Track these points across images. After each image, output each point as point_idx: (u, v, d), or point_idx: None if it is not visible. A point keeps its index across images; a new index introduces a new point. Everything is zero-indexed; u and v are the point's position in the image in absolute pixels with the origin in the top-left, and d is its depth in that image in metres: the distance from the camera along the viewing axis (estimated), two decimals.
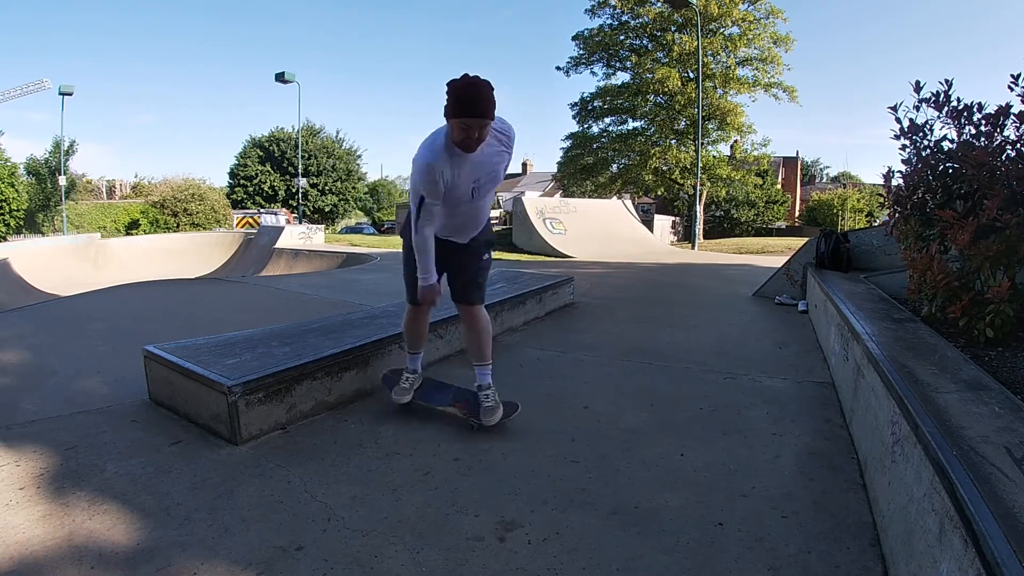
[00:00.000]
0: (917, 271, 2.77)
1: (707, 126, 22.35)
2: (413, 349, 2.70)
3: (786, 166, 38.57)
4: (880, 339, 2.34)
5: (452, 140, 2.14)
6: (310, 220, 29.59)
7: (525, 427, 2.52)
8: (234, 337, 3.00)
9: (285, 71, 26.47)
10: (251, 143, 33.45)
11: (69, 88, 26.60)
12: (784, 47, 22.05)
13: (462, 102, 2.06)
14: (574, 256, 12.69)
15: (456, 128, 2.10)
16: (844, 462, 2.19)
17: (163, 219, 29.52)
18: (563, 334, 4.36)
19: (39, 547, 1.61)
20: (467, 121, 2.06)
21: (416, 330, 2.67)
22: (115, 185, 37.95)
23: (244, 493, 1.94)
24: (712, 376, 3.30)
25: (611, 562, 1.59)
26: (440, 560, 1.60)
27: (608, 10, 23.17)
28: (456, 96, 2.07)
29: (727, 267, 10.61)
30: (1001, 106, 2.69)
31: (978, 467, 1.19)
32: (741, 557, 1.61)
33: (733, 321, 5.04)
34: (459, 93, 2.06)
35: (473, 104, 2.06)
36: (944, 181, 2.96)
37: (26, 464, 2.09)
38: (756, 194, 28.73)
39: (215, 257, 18.68)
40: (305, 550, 1.63)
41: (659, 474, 2.10)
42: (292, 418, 2.51)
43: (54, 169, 28.40)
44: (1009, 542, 0.94)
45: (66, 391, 2.87)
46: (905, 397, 1.61)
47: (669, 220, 24.04)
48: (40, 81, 29.08)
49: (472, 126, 2.07)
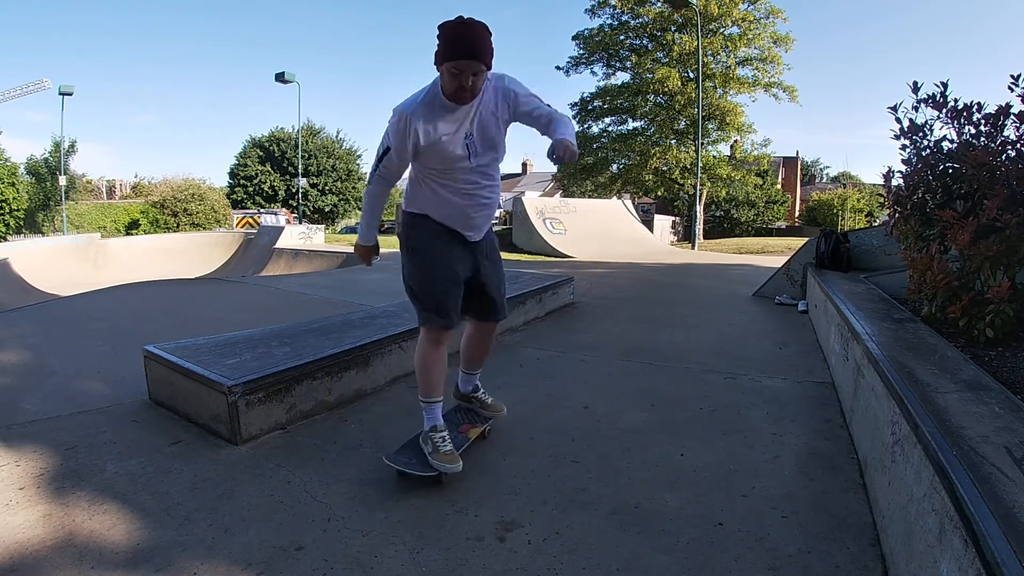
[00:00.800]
0: (917, 271, 2.77)
1: (707, 126, 22.35)
2: (433, 396, 2.10)
3: (786, 166, 38.57)
4: (880, 339, 2.34)
5: (443, 91, 1.86)
6: (310, 220, 29.58)
7: (525, 427, 2.52)
8: (234, 337, 3.00)
9: (285, 71, 26.48)
10: (251, 143, 33.45)
11: (69, 88, 26.59)
12: (784, 47, 22.05)
13: (453, 43, 1.78)
14: (574, 256, 12.69)
15: (446, 75, 1.81)
16: (844, 462, 2.18)
17: (163, 219, 29.52)
18: (563, 334, 4.36)
19: (39, 547, 1.61)
20: (458, 64, 1.77)
21: (438, 367, 2.09)
22: (115, 185, 37.94)
23: (244, 493, 1.94)
24: (712, 376, 3.30)
25: (611, 562, 1.59)
26: (440, 560, 1.60)
27: (608, 10, 23.16)
28: (447, 37, 1.79)
29: (727, 267, 10.60)
30: (1001, 106, 2.69)
31: (978, 467, 1.19)
32: (741, 557, 1.61)
33: (733, 321, 5.04)
34: (450, 34, 1.79)
35: (466, 44, 1.77)
36: (944, 181, 2.96)
37: (26, 464, 2.09)
38: (756, 194, 28.74)
39: (215, 257, 18.69)
40: (305, 550, 1.63)
41: (659, 474, 2.10)
42: (292, 418, 2.51)
43: (54, 169, 28.39)
44: (1009, 542, 0.94)
45: (66, 391, 2.87)
46: (905, 397, 1.61)
47: (669, 220, 24.04)
48: (40, 81, 29.10)
49: (464, 70, 1.78)
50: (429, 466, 1.99)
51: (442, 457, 1.99)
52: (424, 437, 2.08)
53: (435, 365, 2.09)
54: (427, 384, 2.10)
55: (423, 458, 2.03)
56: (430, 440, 2.04)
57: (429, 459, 2.00)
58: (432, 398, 2.10)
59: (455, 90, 1.83)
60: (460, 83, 1.81)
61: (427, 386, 2.10)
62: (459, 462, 2.00)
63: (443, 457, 1.99)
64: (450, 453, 2.01)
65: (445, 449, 2.01)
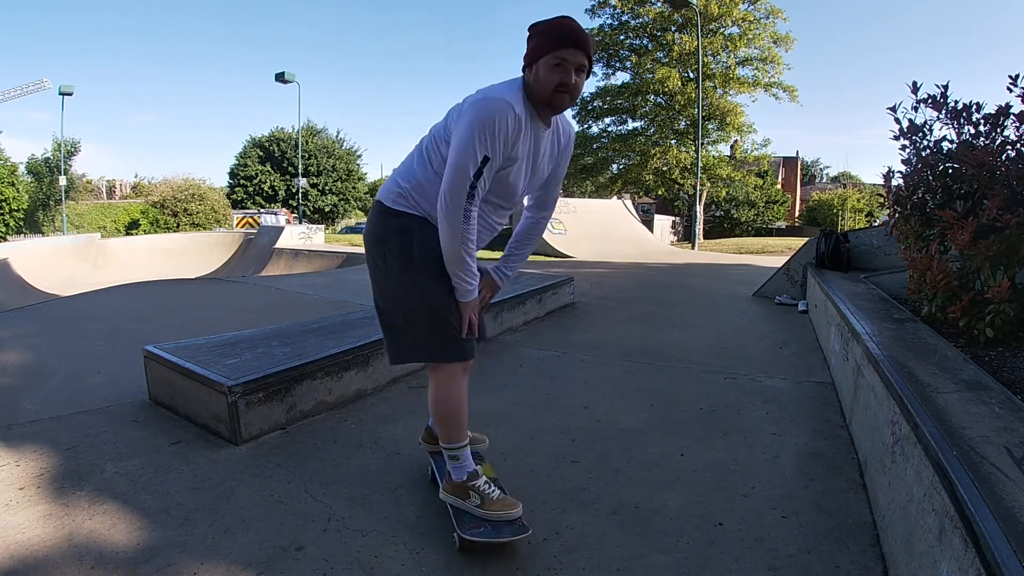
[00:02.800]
0: (917, 271, 2.77)
1: (707, 126, 22.36)
2: (465, 438, 1.74)
3: (786, 166, 38.59)
4: (880, 339, 2.34)
5: (535, 95, 1.55)
6: (310, 220, 29.59)
7: (525, 427, 2.52)
8: (234, 337, 3.00)
9: (285, 71, 26.48)
10: (251, 143, 33.47)
11: (69, 88, 26.60)
12: (784, 47, 22.08)
13: (556, 31, 1.51)
14: (574, 256, 12.68)
15: (545, 70, 1.51)
16: (844, 462, 2.18)
17: (163, 219, 29.53)
18: (563, 334, 4.36)
19: (39, 547, 1.61)
20: (565, 53, 1.49)
21: (464, 403, 1.74)
22: (115, 185, 37.97)
23: (244, 493, 1.94)
24: (712, 376, 3.30)
25: (611, 562, 1.59)
26: (440, 560, 1.60)
27: (608, 10, 23.21)
28: (547, 29, 1.53)
29: (727, 267, 10.60)
30: (1001, 106, 2.69)
31: (978, 467, 1.19)
32: (741, 557, 1.61)
33: (733, 321, 5.04)
34: (551, 25, 1.53)
35: (573, 33, 1.51)
36: (944, 181, 2.96)
37: (26, 464, 2.09)
38: (756, 194, 28.75)
39: (215, 257, 18.69)
40: (305, 550, 1.63)
41: (659, 474, 2.10)
42: (292, 418, 2.51)
43: (54, 168, 28.39)
44: (1009, 542, 0.94)
45: (66, 391, 2.87)
46: (905, 397, 1.61)
47: (669, 220, 24.07)
48: (40, 81, 29.13)
49: (571, 60, 1.50)
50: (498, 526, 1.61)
51: (499, 505, 1.65)
52: (462, 490, 1.69)
53: (465, 401, 1.75)
54: (461, 425, 1.73)
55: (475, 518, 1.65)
56: (475, 491, 1.67)
57: (479, 512, 1.64)
58: (465, 441, 1.74)
59: (554, 88, 1.51)
60: (562, 79, 1.51)
61: (461, 427, 1.73)
62: (519, 504, 1.67)
63: (500, 504, 1.65)
64: (503, 498, 1.68)
65: (496, 495, 1.68)
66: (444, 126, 1.62)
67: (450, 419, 1.71)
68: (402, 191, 1.66)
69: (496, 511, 1.63)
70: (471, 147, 1.47)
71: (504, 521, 1.62)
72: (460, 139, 1.49)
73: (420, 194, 1.64)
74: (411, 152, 1.74)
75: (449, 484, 1.73)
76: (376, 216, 1.71)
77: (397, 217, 1.65)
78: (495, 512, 1.63)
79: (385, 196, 1.70)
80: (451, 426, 1.72)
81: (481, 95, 1.53)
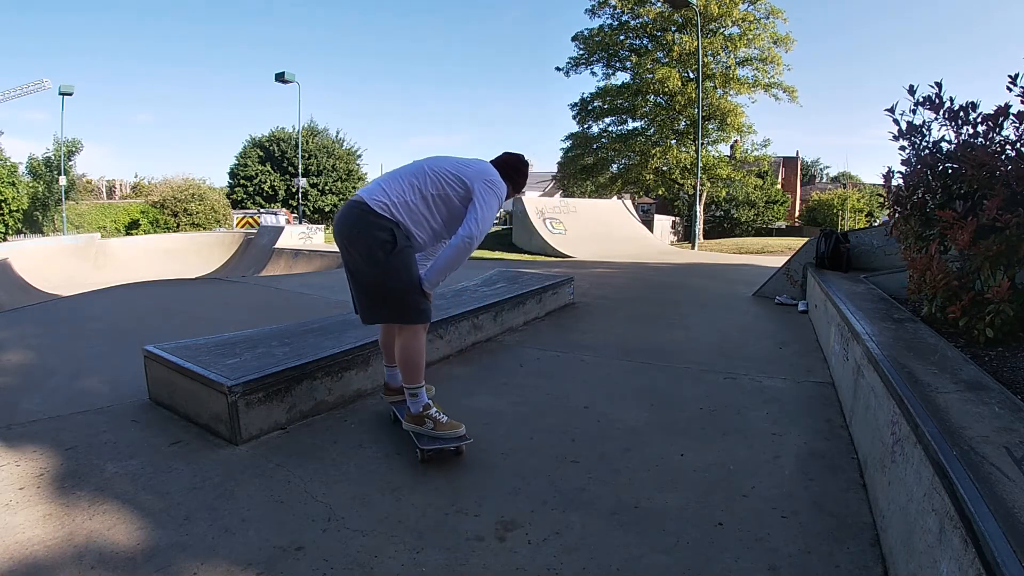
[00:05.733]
0: (917, 271, 2.77)
1: (707, 126, 22.35)
2: (421, 380, 2.30)
3: (786, 166, 38.57)
4: (880, 339, 2.34)
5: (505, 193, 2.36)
6: (310, 220, 29.57)
7: (525, 427, 2.52)
8: (234, 337, 3.00)
9: (285, 71, 26.46)
10: (251, 143, 33.43)
11: (69, 88, 26.57)
12: (784, 47, 22.04)
13: (525, 182, 2.48)
14: (574, 256, 12.69)
15: (512, 190, 2.41)
16: (844, 462, 2.19)
17: (163, 219, 29.50)
18: (563, 334, 4.36)
19: (39, 547, 1.61)
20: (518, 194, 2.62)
21: (423, 353, 2.31)
22: (115, 185, 37.92)
23: (244, 493, 1.94)
24: (712, 376, 3.30)
25: (611, 562, 1.59)
26: (440, 560, 1.60)
27: (608, 10, 23.16)
28: (525, 175, 2.46)
29: (727, 267, 10.60)
30: (1000, 106, 2.68)
31: (978, 467, 1.19)
32: (741, 557, 1.61)
33: (733, 321, 5.04)
34: (526, 172, 2.47)
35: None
36: (944, 181, 2.96)
37: (26, 464, 2.09)
38: (756, 194, 28.71)
39: (215, 257, 18.69)
40: (305, 550, 1.63)
41: (659, 474, 2.10)
42: (292, 418, 2.51)
43: (54, 168, 28.39)
44: (1009, 542, 0.94)
45: (66, 391, 2.87)
46: (905, 397, 1.61)
47: (669, 220, 24.05)
48: (40, 81, 29.07)
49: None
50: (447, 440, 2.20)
51: (448, 427, 2.22)
52: (419, 419, 2.24)
53: (424, 351, 2.32)
54: (421, 368, 2.27)
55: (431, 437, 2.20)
56: (429, 418, 2.23)
57: (434, 432, 2.21)
58: (423, 382, 2.30)
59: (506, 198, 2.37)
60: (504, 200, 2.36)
61: (420, 371, 2.27)
62: (462, 425, 2.23)
63: (449, 426, 2.22)
64: (450, 421, 2.23)
65: (444, 420, 2.24)
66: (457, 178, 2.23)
67: (412, 364, 2.24)
68: (388, 203, 2.15)
69: (446, 431, 2.21)
70: (492, 215, 2.23)
71: (452, 437, 2.20)
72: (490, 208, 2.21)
73: (405, 210, 2.17)
74: (400, 171, 2.28)
75: (409, 415, 2.27)
76: (359, 214, 2.15)
77: (381, 219, 2.13)
78: (445, 432, 2.21)
79: (369, 199, 2.15)
80: (413, 370, 2.24)
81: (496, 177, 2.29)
